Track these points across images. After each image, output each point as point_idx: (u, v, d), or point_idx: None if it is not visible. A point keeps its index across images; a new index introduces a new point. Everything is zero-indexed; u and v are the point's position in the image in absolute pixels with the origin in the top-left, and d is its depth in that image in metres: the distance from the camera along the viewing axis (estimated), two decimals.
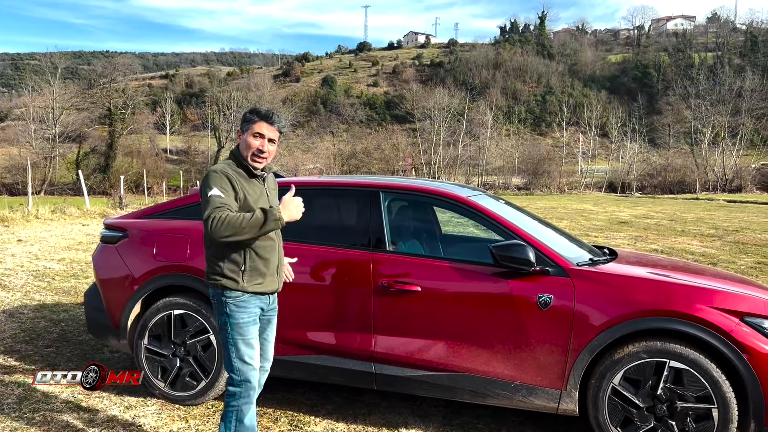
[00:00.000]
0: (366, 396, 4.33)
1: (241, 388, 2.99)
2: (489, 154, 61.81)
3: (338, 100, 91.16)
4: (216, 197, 2.82)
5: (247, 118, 3.04)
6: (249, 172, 3.02)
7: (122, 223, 4.45)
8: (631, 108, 73.34)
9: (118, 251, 4.30)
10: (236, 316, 2.96)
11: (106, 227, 4.51)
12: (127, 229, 4.36)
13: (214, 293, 3.02)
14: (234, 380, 2.99)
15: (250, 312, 2.99)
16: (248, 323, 2.98)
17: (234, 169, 2.99)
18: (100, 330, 4.43)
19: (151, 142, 67.70)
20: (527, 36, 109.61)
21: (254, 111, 3.05)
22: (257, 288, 3.00)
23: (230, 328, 2.96)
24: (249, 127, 3.01)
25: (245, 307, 2.97)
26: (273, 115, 3.04)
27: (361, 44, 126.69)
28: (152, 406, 4.05)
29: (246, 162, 3.01)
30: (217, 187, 2.86)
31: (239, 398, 2.99)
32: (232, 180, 2.91)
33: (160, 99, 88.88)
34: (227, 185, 2.88)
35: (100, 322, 4.38)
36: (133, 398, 4.16)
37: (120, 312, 4.22)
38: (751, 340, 3.18)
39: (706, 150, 56.67)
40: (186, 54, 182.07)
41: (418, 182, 4.57)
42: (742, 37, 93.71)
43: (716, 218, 20.99)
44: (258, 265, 2.99)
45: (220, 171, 2.93)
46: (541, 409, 3.54)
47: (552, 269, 3.51)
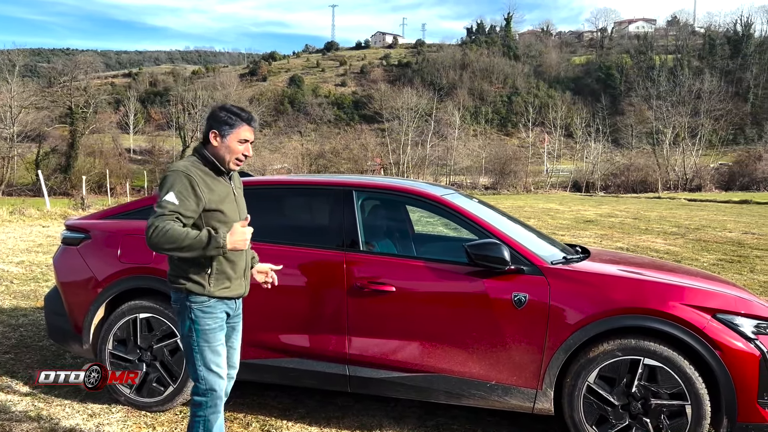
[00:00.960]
0: (339, 399, 4.26)
1: (208, 398, 2.83)
2: (457, 154, 62.21)
3: (306, 100, 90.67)
4: (168, 203, 2.65)
5: (226, 120, 2.82)
6: (216, 170, 2.85)
7: (84, 224, 4.29)
8: (594, 109, 74.67)
9: (80, 253, 4.14)
10: (202, 322, 2.79)
11: (68, 228, 4.34)
12: (90, 230, 4.20)
13: (178, 297, 2.85)
14: (200, 389, 2.83)
15: (217, 318, 2.84)
16: (215, 330, 2.82)
17: (199, 168, 2.80)
18: (62, 335, 4.26)
19: (114, 142, 66.25)
20: (493, 37, 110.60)
21: (234, 112, 2.85)
22: (224, 293, 2.85)
23: (196, 334, 2.80)
24: (231, 131, 2.82)
25: (212, 312, 2.81)
26: (253, 117, 2.91)
27: (329, 44, 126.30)
28: (117, 414, 3.91)
29: (222, 165, 2.85)
30: (174, 191, 2.67)
31: (206, 408, 2.84)
32: (194, 182, 2.71)
33: (123, 98, 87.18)
34: (186, 189, 2.69)
35: (62, 327, 4.22)
36: (96, 405, 4.01)
37: (83, 316, 4.06)
38: (723, 336, 3.20)
39: (667, 150, 58.06)
40: (150, 52, 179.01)
41: (392, 181, 4.51)
42: (700, 40, 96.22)
43: (678, 217, 21.46)
44: (225, 268, 2.84)
45: (182, 171, 2.72)
46: (517, 408, 3.51)
47: (527, 268, 3.49)
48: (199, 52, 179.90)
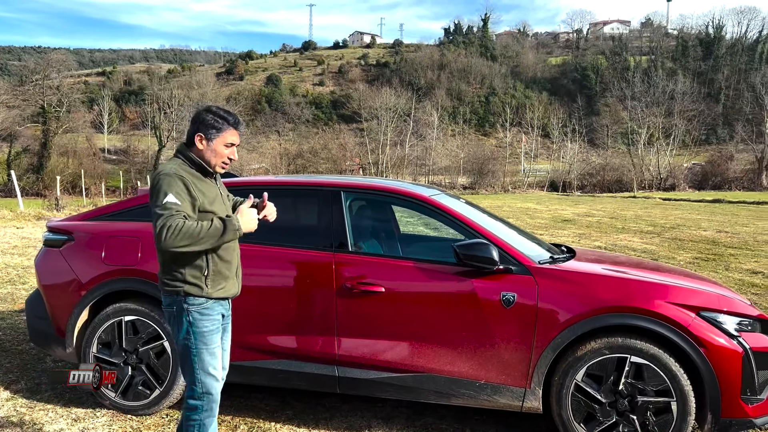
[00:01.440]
0: (327, 400, 4.25)
1: (204, 401, 2.80)
2: (435, 154, 62.44)
3: (284, 99, 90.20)
4: (172, 204, 2.62)
5: (213, 124, 2.81)
6: (204, 171, 2.84)
7: (67, 225, 4.22)
8: (571, 109, 75.43)
9: (63, 255, 4.07)
10: (200, 324, 2.76)
11: (50, 230, 4.26)
12: (73, 231, 4.13)
13: (173, 301, 2.79)
14: (196, 393, 2.79)
15: (214, 319, 2.82)
16: (212, 332, 2.81)
17: (187, 170, 2.78)
18: (44, 339, 4.18)
19: (88, 142, 65.23)
20: (471, 38, 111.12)
21: (221, 117, 2.84)
22: (221, 293, 2.84)
23: (194, 337, 2.76)
24: (218, 135, 2.81)
25: (209, 314, 2.80)
26: (240, 121, 2.91)
27: (307, 43, 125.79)
28: (102, 418, 3.85)
29: (208, 167, 2.84)
30: (172, 192, 2.64)
31: (201, 412, 2.81)
32: (187, 183, 2.71)
33: (97, 97, 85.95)
34: (182, 190, 2.68)
35: (44, 331, 4.14)
36: (80, 410, 3.95)
37: (66, 319, 3.99)
38: (707, 333, 3.26)
39: (642, 150, 58.88)
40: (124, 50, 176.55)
41: (380, 182, 4.51)
42: (673, 42, 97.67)
43: (653, 216, 21.79)
44: (221, 268, 2.83)
45: (173, 174, 2.70)
46: (506, 407, 3.54)
47: (515, 268, 3.52)
48: (174, 50, 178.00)
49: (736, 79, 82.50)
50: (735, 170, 52.92)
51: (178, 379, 3.83)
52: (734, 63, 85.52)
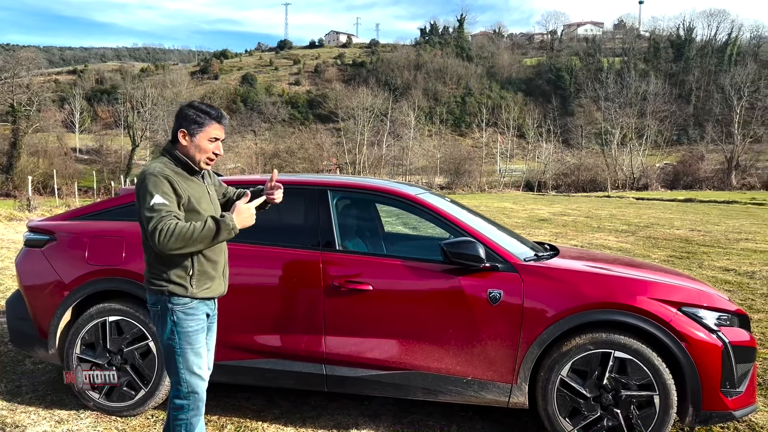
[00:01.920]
0: (313, 398, 4.26)
1: (189, 401, 2.79)
2: (412, 154, 62.61)
3: (259, 99, 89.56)
4: (160, 206, 2.59)
5: (194, 119, 2.77)
6: (190, 170, 2.81)
7: (49, 225, 4.16)
8: (546, 110, 76.18)
9: (45, 255, 4.02)
10: (185, 324, 2.74)
11: (31, 230, 4.20)
12: (55, 231, 4.08)
13: (157, 300, 2.77)
14: (181, 392, 2.78)
15: (199, 319, 2.80)
16: (197, 331, 2.79)
17: (172, 169, 2.75)
18: (26, 340, 4.12)
19: (60, 141, 64.05)
20: (446, 38, 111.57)
21: (203, 111, 2.79)
22: (206, 293, 2.82)
23: (178, 337, 2.74)
24: (201, 129, 2.77)
25: (194, 314, 2.77)
26: (223, 115, 2.85)
27: (282, 42, 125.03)
28: (86, 419, 3.81)
29: (193, 164, 2.80)
30: (159, 193, 2.61)
31: (188, 411, 2.79)
32: (173, 183, 2.67)
33: (68, 95, 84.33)
34: (169, 190, 2.65)
35: (26, 332, 4.08)
36: (64, 411, 3.91)
37: (48, 320, 3.94)
38: (688, 328, 3.34)
39: (615, 150, 59.75)
40: (96, 49, 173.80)
41: (367, 181, 4.52)
42: (645, 44, 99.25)
43: (628, 215, 22.14)
44: (207, 268, 2.80)
45: (159, 173, 2.66)
46: (493, 403, 3.58)
47: (501, 265, 3.57)
48: (147, 49, 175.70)
49: (706, 80, 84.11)
50: (705, 170, 53.99)
51: (164, 379, 3.81)
52: (704, 65, 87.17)
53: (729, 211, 24.04)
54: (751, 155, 55.69)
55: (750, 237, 14.36)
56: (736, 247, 12.53)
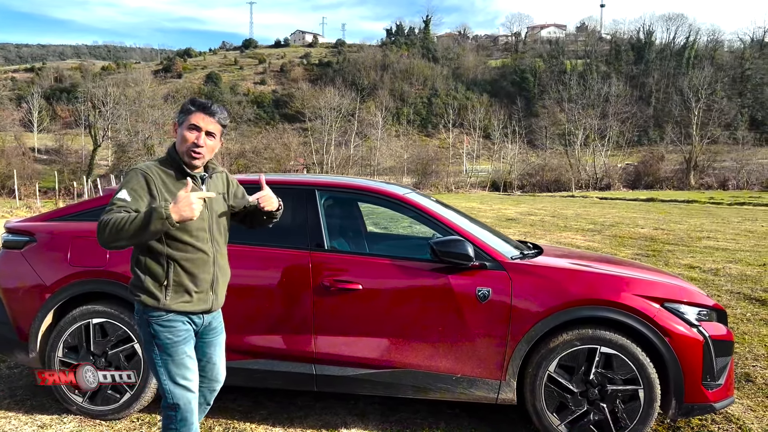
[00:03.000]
0: (300, 399, 4.25)
1: (176, 412, 2.70)
2: (380, 155, 62.69)
3: (224, 98, 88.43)
4: (119, 200, 2.51)
5: (183, 109, 2.72)
6: (180, 171, 2.69)
7: (28, 226, 4.06)
8: (510, 111, 77.08)
9: (24, 257, 3.93)
10: (162, 336, 2.65)
11: (9, 231, 4.10)
12: (35, 233, 3.99)
13: (137, 310, 2.70)
14: (167, 402, 2.70)
15: (178, 331, 2.67)
16: (177, 343, 2.66)
17: (160, 169, 2.67)
18: (4, 344, 4.01)
19: (17, 141, 62.25)
20: (412, 39, 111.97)
21: (191, 101, 2.74)
22: (183, 307, 2.67)
23: (157, 348, 2.66)
24: (185, 118, 2.69)
25: (171, 327, 2.65)
26: (212, 106, 2.72)
27: (247, 41, 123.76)
28: (69, 424, 3.74)
29: (181, 159, 2.69)
30: (127, 189, 2.54)
31: (176, 421, 2.72)
32: (150, 182, 2.58)
33: (26, 94, 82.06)
34: (141, 188, 2.56)
35: (4, 336, 3.97)
36: (45, 416, 3.83)
37: (29, 323, 3.85)
38: (671, 324, 3.45)
39: (579, 151, 60.84)
40: (54, 46, 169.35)
41: (354, 180, 4.53)
42: (607, 46, 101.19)
43: (592, 214, 22.58)
44: (183, 280, 2.66)
45: (140, 170, 2.62)
46: (482, 399, 3.63)
47: (489, 263, 3.62)
48: (108, 47, 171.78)
49: (666, 83, 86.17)
50: (666, 170, 55.38)
51: (150, 381, 3.76)
52: (664, 67, 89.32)
53: (689, 210, 24.72)
54: (708, 156, 57.29)
55: (711, 235, 14.79)
56: (698, 245, 12.90)
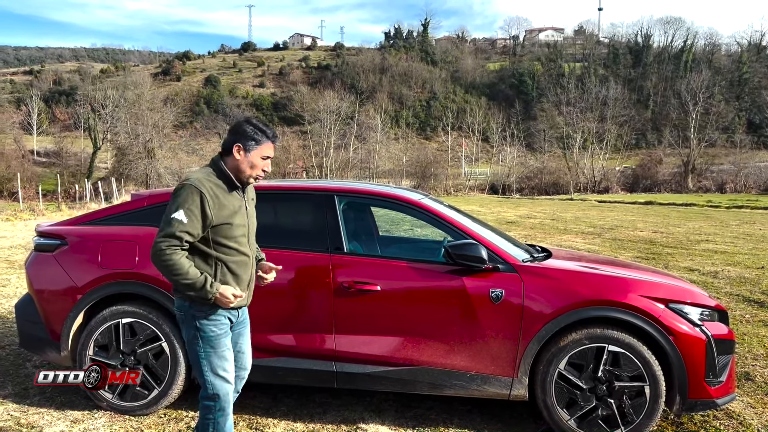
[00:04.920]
0: (318, 396, 4.42)
1: (215, 402, 2.92)
2: (379, 158, 62.89)
3: (223, 101, 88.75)
4: (176, 223, 2.72)
5: (252, 136, 2.90)
6: (231, 185, 2.91)
7: (59, 230, 4.24)
8: (509, 114, 77.40)
9: (56, 260, 4.10)
10: (207, 329, 2.88)
11: (41, 235, 4.27)
12: (66, 236, 4.16)
13: (181, 305, 2.91)
14: (207, 393, 2.91)
15: (221, 324, 2.92)
16: (219, 336, 2.91)
17: (213, 182, 2.85)
18: (37, 344, 4.18)
19: (17, 143, 62.37)
20: (411, 42, 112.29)
21: (260, 130, 2.93)
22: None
23: (201, 341, 2.88)
24: (256, 147, 2.90)
25: (216, 320, 2.89)
26: (277, 134, 3.02)
27: (246, 44, 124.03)
28: (101, 419, 3.90)
29: (237, 179, 2.92)
30: (184, 209, 2.73)
31: (214, 411, 2.94)
32: (205, 199, 2.76)
33: (24, 96, 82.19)
34: (196, 208, 2.75)
35: (37, 336, 4.15)
36: (76, 412, 3.99)
37: (61, 323, 4.02)
38: (675, 323, 3.63)
39: (577, 154, 61.10)
40: (52, 48, 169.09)
41: (371, 186, 4.71)
42: (605, 50, 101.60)
43: (591, 217, 22.78)
44: (229, 280, 2.91)
45: (195, 185, 2.77)
46: (495, 396, 3.81)
47: (502, 266, 3.80)
48: (106, 49, 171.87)
49: (664, 86, 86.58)
50: (664, 173, 55.67)
51: (177, 378, 3.93)
52: (661, 71, 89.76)
53: (688, 214, 24.94)
54: (706, 159, 57.63)
55: (710, 238, 14.98)
56: (697, 248, 13.09)
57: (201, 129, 79.91)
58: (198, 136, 76.04)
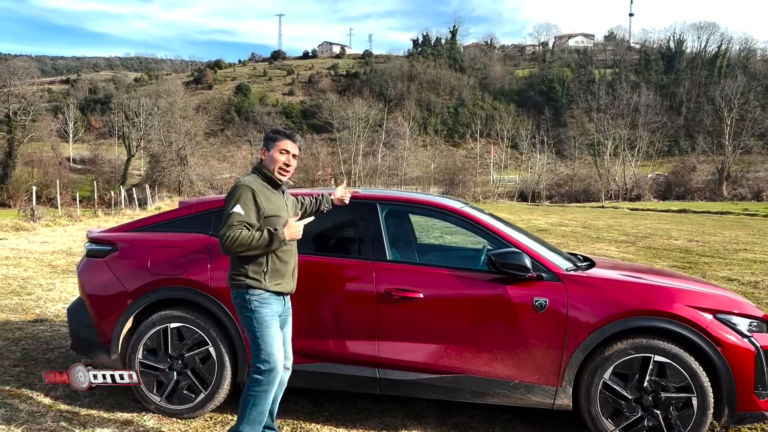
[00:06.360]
0: (358, 402, 4.46)
1: (266, 376, 3.25)
2: (407, 165, 63.00)
3: (253, 109, 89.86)
4: (235, 215, 3.18)
5: (271, 137, 3.45)
6: (274, 184, 3.42)
7: (110, 236, 4.36)
8: (538, 120, 76.91)
9: (107, 265, 4.22)
10: (260, 311, 3.28)
11: (92, 241, 4.40)
12: (117, 242, 4.28)
13: (238, 293, 3.31)
14: (261, 369, 3.25)
15: (272, 308, 3.33)
16: (272, 317, 3.31)
17: (260, 183, 3.36)
18: (88, 346, 4.31)
19: (54, 151, 64.00)
20: (439, 49, 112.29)
21: (277, 131, 3.48)
22: (277, 287, 3.35)
23: (256, 322, 3.28)
24: (274, 144, 3.41)
25: (268, 303, 3.31)
26: (294, 134, 3.49)
27: (276, 53, 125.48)
28: (149, 421, 4.00)
29: (272, 175, 3.40)
30: (240, 203, 3.20)
31: (262, 385, 3.26)
32: (256, 194, 3.25)
33: (61, 105, 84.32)
34: (250, 201, 3.23)
35: (88, 339, 4.27)
36: (126, 414, 4.09)
37: (111, 327, 4.13)
38: (723, 334, 3.58)
39: (608, 161, 60.38)
40: (88, 58, 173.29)
41: (412, 194, 4.75)
42: (636, 56, 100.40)
43: (624, 225, 22.49)
44: (278, 267, 3.34)
45: (246, 184, 3.28)
46: (538, 405, 3.80)
47: (546, 275, 3.80)
48: (140, 58, 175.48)
49: (697, 92, 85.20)
50: (697, 181, 54.72)
51: (223, 382, 4.01)
52: (694, 77, 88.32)
53: (723, 222, 24.46)
54: (741, 166, 56.54)
55: (748, 247, 14.69)
56: (735, 257, 12.84)
57: (232, 136, 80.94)
58: (229, 143, 77.04)
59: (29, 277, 9.02)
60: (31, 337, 5.88)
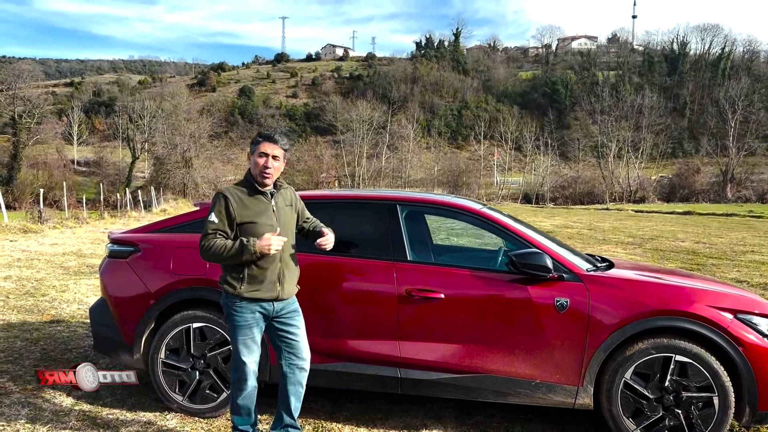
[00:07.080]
0: (377, 401, 4.48)
1: (235, 385, 3.40)
2: (410, 167, 63.04)
3: (257, 111, 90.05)
4: (210, 223, 3.28)
5: (253, 141, 3.44)
6: (253, 189, 3.37)
7: (132, 237, 4.40)
8: (542, 122, 76.86)
9: (130, 266, 4.25)
10: (234, 318, 3.35)
11: (114, 242, 4.44)
12: (139, 243, 4.31)
13: (221, 297, 3.43)
14: (233, 377, 3.42)
15: (246, 316, 3.34)
16: (243, 326, 3.34)
17: (239, 189, 3.37)
18: (110, 346, 4.34)
19: (59, 153, 64.18)
20: (442, 52, 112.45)
21: (259, 134, 3.47)
22: (254, 294, 3.32)
23: (231, 329, 3.40)
24: (255, 148, 3.39)
25: (241, 311, 3.33)
26: (274, 135, 3.42)
27: (279, 55, 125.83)
28: (172, 420, 4.03)
29: (254, 179, 3.37)
30: (214, 212, 3.29)
31: (234, 384, 3.42)
32: (229, 202, 3.28)
33: (66, 107, 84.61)
34: (223, 209, 3.28)
35: (111, 339, 4.30)
36: (148, 413, 4.12)
37: (134, 327, 4.17)
38: (744, 334, 3.60)
39: (612, 163, 60.34)
40: (92, 61, 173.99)
41: (431, 195, 4.79)
42: (640, 58, 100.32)
43: (629, 227, 22.46)
44: (256, 273, 3.33)
45: (222, 192, 3.36)
46: (559, 404, 3.82)
47: (566, 275, 3.82)
48: (143, 61, 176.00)
49: (701, 94, 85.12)
50: (702, 183, 54.67)
51: None
52: (698, 78, 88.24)
53: (729, 224, 24.43)
54: (746, 168, 56.46)
55: (755, 249, 14.68)
56: (743, 259, 12.83)
57: (236, 139, 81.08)
58: (233, 145, 77.10)
59: (42, 279, 9.07)
60: (49, 337, 5.92)
